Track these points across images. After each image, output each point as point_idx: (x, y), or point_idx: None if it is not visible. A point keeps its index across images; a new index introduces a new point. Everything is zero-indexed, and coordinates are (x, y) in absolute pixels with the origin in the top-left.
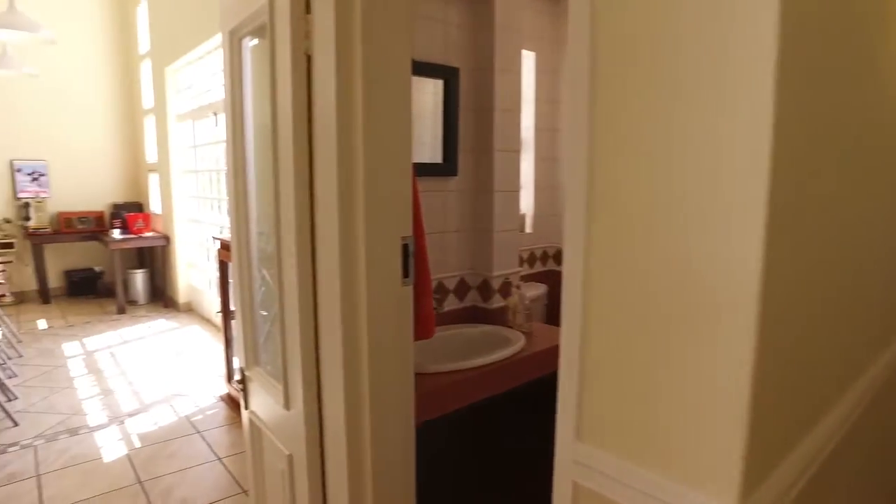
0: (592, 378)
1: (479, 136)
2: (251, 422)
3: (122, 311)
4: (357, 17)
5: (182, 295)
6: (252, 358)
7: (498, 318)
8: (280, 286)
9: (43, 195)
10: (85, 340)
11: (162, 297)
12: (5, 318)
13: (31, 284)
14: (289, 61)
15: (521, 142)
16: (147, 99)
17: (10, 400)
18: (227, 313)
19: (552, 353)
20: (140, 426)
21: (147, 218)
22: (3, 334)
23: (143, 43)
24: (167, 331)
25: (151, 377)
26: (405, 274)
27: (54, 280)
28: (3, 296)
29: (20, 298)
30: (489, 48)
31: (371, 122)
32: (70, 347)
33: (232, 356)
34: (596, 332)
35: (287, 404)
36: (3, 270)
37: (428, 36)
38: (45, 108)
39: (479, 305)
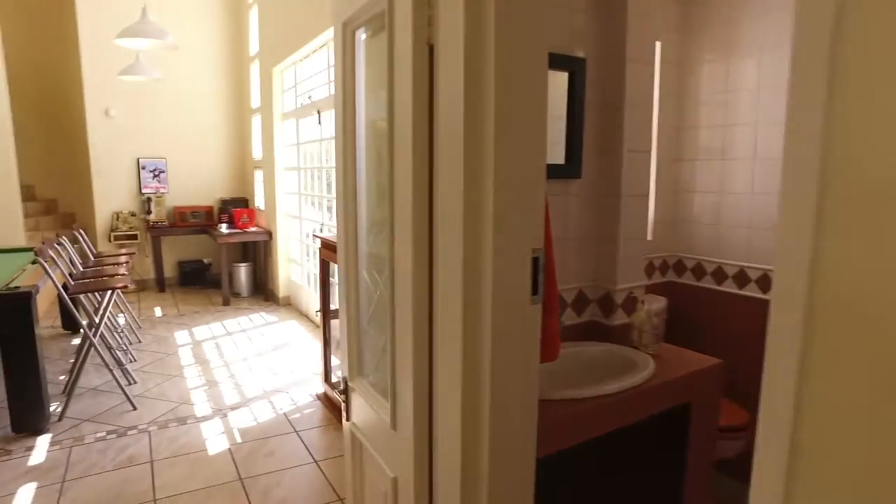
0: (815, 462)
1: (605, 134)
2: (352, 435)
3: (226, 302)
4: (489, 1)
5: (282, 289)
6: (356, 368)
7: (620, 336)
8: (392, 297)
9: (162, 191)
10: (194, 330)
11: (263, 290)
12: (128, 306)
13: (150, 273)
14: (409, 52)
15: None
16: (254, 99)
17: (130, 384)
18: (326, 313)
19: (686, 383)
20: (241, 421)
21: (252, 213)
22: (126, 321)
23: (253, 45)
24: (267, 324)
25: (252, 371)
26: (534, 290)
27: (169, 270)
28: (126, 287)
29: (141, 286)
30: (620, 36)
31: (503, 119)
32: (181, 336)
33: (330, 356)
34: (825, 390)
35: (394, 424)
36: (126, 262)
37: (550, 23)
38: (167, 109)
39: (599, 321)
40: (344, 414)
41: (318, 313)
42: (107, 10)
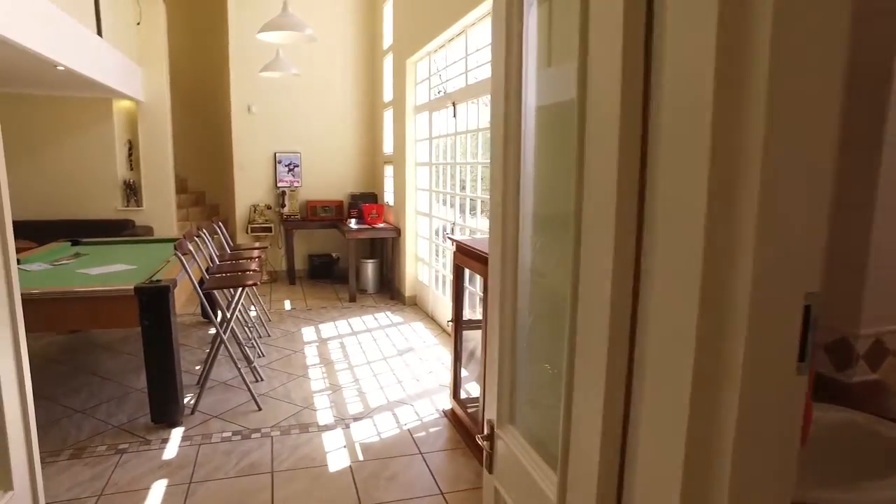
0: None
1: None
2: (496, 493)
3: (353, 298)
4: None
5: (408, 288)
6: (506, 413)
7: (861, 399)
8: (571, 335)
9: (296, 185)
10: (320, 326)
11: (389, 288)
12: (259, 299)
13: (282, 265)
14: (620, 9)
15: None
16: (387, 93)
17: (256, 381)
18: (459, 324)
19: None
20: (363, 433)
21: (380, 209)
22: (257, 313)
23: (387, 38)
24: (392, 325)
25: (376, 377)
26: (801, 356)
27: (299, 262)
28: (256, 283)
29: (273, 277)
30: None
31: (779, 97)
32: (307, 332)
33: (460, 370)
34: None
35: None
36: (259, 256)
37: None
38: (302, 105)
39: (828, 375)
40: (486, 464)
41: (451, 323)
42: (252, 10)
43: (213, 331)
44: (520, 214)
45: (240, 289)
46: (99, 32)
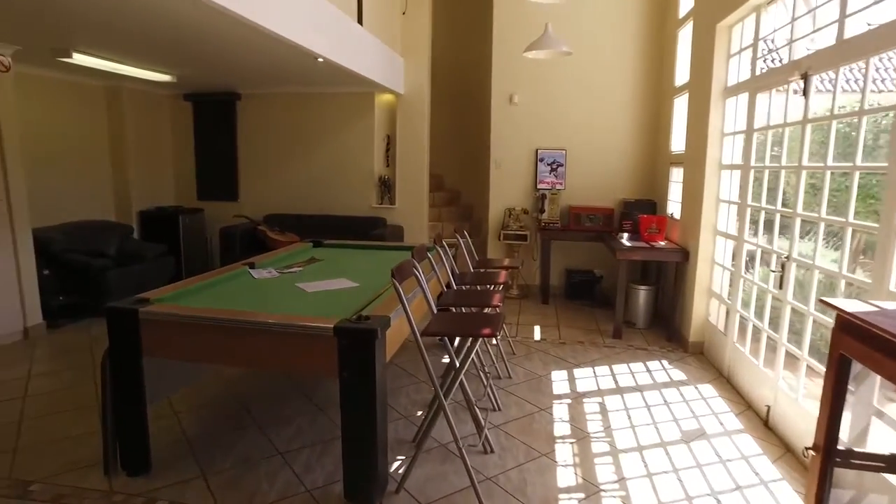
0: None
1: None
2: None
3: (617, 334)
4: None
5: (693, 331)
6: None
7: None
8: None
9: (558, 187)
10: (575, 372)
11: (665, 326)
12: (504, 328)
13: (535, 279)
14: None
15: None
16: (679, 74)
17: (486, 452)
18: (830, 460)
19: None
20: None
21: (662, 222)
22: (498, 343)
23: (684, 1)
24: (671, 384)
25: (650, 477)
26: None
27: (555, 277)
28: (492, 334)
29: (524, 292)
30: None
31: None
32: (558, 380)
33: None
34: None
35: None
36: (505, 282)
37: None
38: (570, 93)
39: None
40: None
41: (810, 453)
42: None
43: (446, 359)
44: None
45: (470, 339)
46: (359, 21)
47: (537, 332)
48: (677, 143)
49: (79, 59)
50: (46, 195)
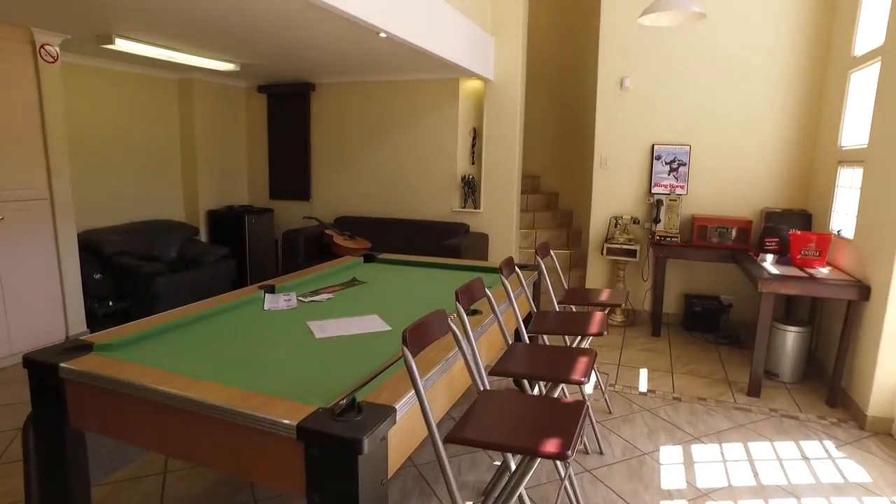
0: None
1: None
2: None
3: (754, 390)
4: None
5: (876, 402)
6: None
7: None
8: None
9: (679, 191)
10: (693, 450)
11: (824, 383)
12: (599, 374)
13: (645, 304)
14: None
15: None
16: (860, 41)
17: None
18: None
19: None
20: None
21: (824, 242)
22: (595, 389)
23: None
24: (844, 487)
25: None
26: None
27: (670, 303)
28: (566, 452)
29: (630, 319)
30: None
31: None
32: (668, 462)
33: None
34: None
35: None
36: (600, 330)
37: None
38: (696, 69)
39: None
40: None
41: None
42: None
43: (498, 461)
44: None
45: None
46: None
47: (643, 380)
48: (852, 134)
49: (122, 45)
50: (111, 194)
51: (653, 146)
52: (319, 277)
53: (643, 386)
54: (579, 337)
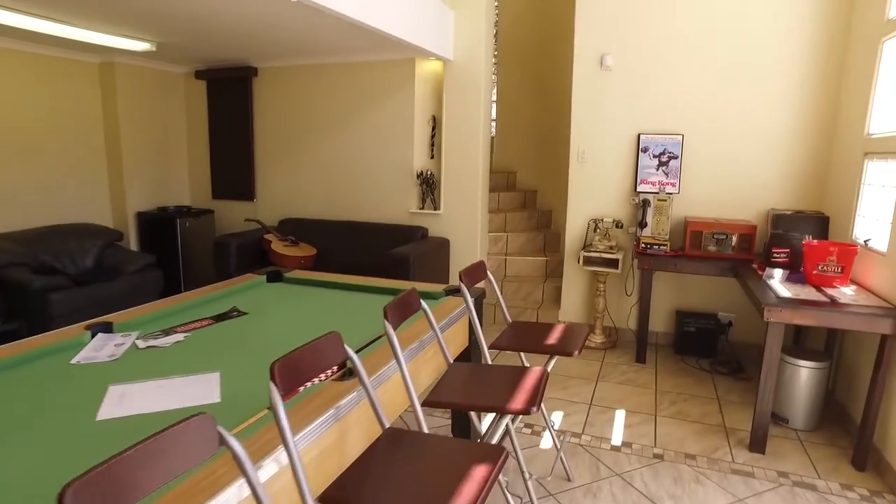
0: None
1: None
2: None
3: (758, 444)
4: None
5: None
6: None
7: None
8: None
9: (669, 190)
10: None
11: (849, 432)
12: (556, 439)
13: (628, 322)
14: None
15: None
16: None
17: None
18: None
19: None
20: None
21: (848, 255)
22: (551, 452)
23: None
24: None
25: None
26: None
27: (658, 321)
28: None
29: (611, 340)
30: None
31: None
32: None
33: None
34: None
35: None
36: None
37: None
38: (691, 45)
39: None
40: None
41: None
42: None
43: None
44: None
45: None
46: None
47: (618, 427)
48: (884, 119)
49: None
50: (25, 193)
51: (639, 136)
52: (188, 308)
53: (617, 437)
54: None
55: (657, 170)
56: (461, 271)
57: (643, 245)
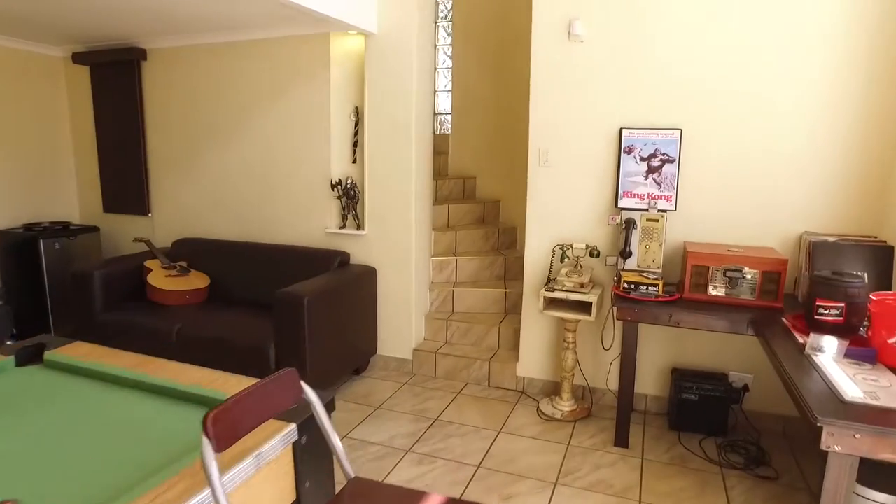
0: None
1: None
2: None
3: None
4: None
5: None
6: None
7: None
8: None
9: (663, 205)
10: None
11: None
12: None
13: (610, 382)
14: None
15: None
16: None
17: None
18: None
19: None
20: None
21: None
22: None
23: None
24: None
25: None
26: None
27: (646, 383)
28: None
29: (583, 408)
30: None
31: None
32: None
33: None
34: None
35: None
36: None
37: None
38: (689, 6)
39: None
40: None
41: None
42: None
43: None
44: None
45: None
46: None
47: None
48: None
49: None
50: None
51: (620, 131)
52: None
53: None
54: None
55: (646, 178)
56: (207, 417)
57: (625, 285)
